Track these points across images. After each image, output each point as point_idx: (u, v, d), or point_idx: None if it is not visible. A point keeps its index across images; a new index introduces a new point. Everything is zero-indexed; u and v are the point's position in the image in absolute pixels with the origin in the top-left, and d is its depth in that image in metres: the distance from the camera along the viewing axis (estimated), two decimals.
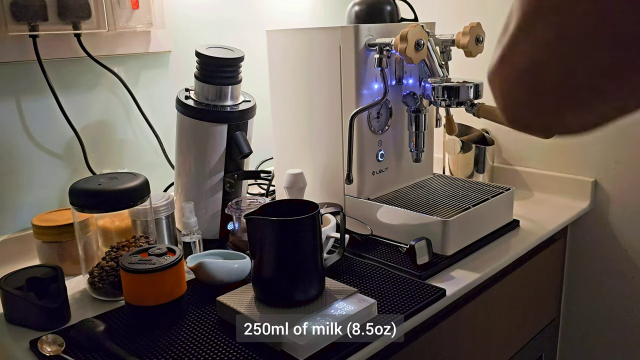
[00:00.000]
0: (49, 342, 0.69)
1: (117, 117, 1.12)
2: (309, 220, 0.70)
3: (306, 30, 1.04)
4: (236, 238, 0.93)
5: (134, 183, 0.80)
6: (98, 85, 1.08)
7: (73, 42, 1.00)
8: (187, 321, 0.73)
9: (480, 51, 1.00)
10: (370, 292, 0.78)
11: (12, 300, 0.74)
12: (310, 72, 1.03)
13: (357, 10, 1.06)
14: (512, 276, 0.97)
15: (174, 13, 1.17)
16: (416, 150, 1.03)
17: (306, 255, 0.71)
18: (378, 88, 0.99)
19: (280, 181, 1.10)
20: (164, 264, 0.71)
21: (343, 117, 0.99)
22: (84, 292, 0.84)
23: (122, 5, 1.03)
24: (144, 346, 0.68)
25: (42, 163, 1.03)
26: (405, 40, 0.89)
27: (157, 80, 1.17)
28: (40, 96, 1.00)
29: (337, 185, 1.04)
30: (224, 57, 0.94)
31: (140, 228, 0.88)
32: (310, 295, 0.71)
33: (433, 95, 0.94)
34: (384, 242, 0.95)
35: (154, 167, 1.17)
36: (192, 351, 0.66)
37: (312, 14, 1.45)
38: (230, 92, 0.96)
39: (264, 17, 1.33)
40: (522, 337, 1.08)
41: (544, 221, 1.06)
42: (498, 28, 0.38)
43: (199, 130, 0.95)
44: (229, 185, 0.98)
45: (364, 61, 0.96)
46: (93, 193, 0.77)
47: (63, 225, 0.89)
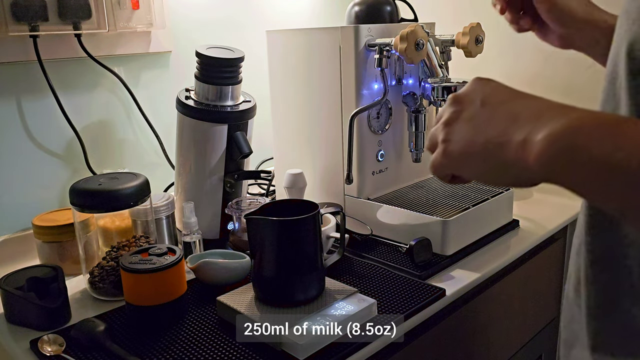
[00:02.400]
0: (49, 342, 0.69)
1: (118, 117, 1.12)
2: (309, 220, 0.70)
3: (306, 31, 1.04)
4: (236, 238, 0.93)
5: (134, 183, 0.80)
6: (98, 86, 1.08)
7: (73, 42, 1.01)
8: (187, 321, 0.74)
9: (480, 51, 1.00)
10: (370, 292, 0.78)
11: (13, 300, 0.74)
12: (310, 72, 1.03)
13: (357, 11, 1.06)
14: (511, 276, 0.97)
15: (174, 13, 1.17)
16: (416, 150, 1.04)
17: (306, 255, 0.71)
18: (378, 88, 0.99)
19: (280, 181, 1.10)
20: (164, 264, 0.71)
21: (343, 117, 1.00)
22: (84, 292, 0.84)
23: (122, 5, 1.03)
24: (144, 346, 0.68)
25: (42, 163, 1.03)
26: (405, 40, 0.89)
27: (158, 81, 1.17)
28: (41, 96, 1.00)
29: (337, 185, 1.04)
30: (224, 57, 0.94)
31: (141, 228, 0.88)
32: (310, 295, 0.71)
33: (433, 95, 0.94)
34: (384, 242, 0.95)
35: (154, 167, 1.17)
36: (192, 351, 0.66)
37: (312, 14, 1.45)
38: (231, 92, 0.96)
39: (264, 17, 1.33)
40: (522, 337, 1.08)
41: (544, 221, 1.06)
42: (498, 28, 0.39)
43: (199, 130, 0.95)
44: (229, 185, 0.98)
45: (364, 61, 0.96)
46: (93, 193, 0.77)
47: (63, 225, 0.89)
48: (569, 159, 0.34)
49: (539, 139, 0.36)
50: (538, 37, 0.74)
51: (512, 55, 1.29)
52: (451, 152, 0.43)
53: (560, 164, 0.35)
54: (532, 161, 0.36)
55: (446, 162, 0.44)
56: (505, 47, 1.28)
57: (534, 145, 0.36)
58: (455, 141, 0.43)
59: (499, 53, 1.29)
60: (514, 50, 1.28)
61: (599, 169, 0.33)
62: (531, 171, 0.37)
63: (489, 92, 0.43)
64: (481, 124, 0.41)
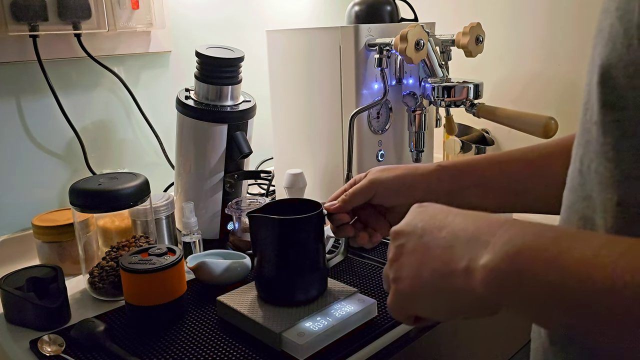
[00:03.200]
0: (49, 342, 0.69)
1: (117, 117, 1.12)
2: (312, 218, 0.69)
3: (306, 30, 1.04)
4: (236, 238, 0.93)
5: (134, 183, 0.80)
6: (98, 85, 1.08)
7: (73, 42, 1.01)
8: (187, 321, 0.73)
9: (480, 51, 1.00)
10: (370, 292, 0.78)
11: (12, 300, 0.74)
12: (310, 72, 1.03)
13: (357, 10, 1.06)
14: None
15: (174, 13, 1.17)
16: (416, 150, 1.03)
17: (309, 255, 0.70)
18: (378, 88, 0.99)
19: (280, 181, 1.10)
20: (164, 264, 0.71)
21: (343, 117, 0.99)
22: (84, 292, 0.84)
23: (122, 5, 1.03)
24: (144, 346, 0.68)
25: (42, 163, 1.03)
26: (405, 40, 0.89)
27: (157, 80, 1.17)
28: (41, 96, 1.00)
29: (337, 185, 1.04)
30: (224, 57, 0.94)
31: (141, 228, 0.88)
32: (312, 295, 0.71)
33: (433, 95, 0.94)
34: (384, 241, 0.95)
35: (154, 167, 1.17)
36: (192, 351, 0.66)
37: (312, 14, 1.45)
38: (230, 92, 0.96)
39: (264, 17, 1.33)
40: (523, 337, 1.08)
41: (544, 220, 1.06)
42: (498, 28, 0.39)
43: (199, 130, 0.95)
44: (229, 185, 0.98)
45: (364, 61, 0.96)
46: (93, 193, 0.77)
47: (63, 225, 0.89)
48: (515, 282, 0.33)
49: (480, 265, 0.35)
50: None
51: (512, 55, 1.29)
52: (402, 290, 0.42)
53: (508, 288, 0.34)
54: (480, 287, 0.35)
55: (400, 303, 0.42)
56: (506, 47, 1.28)
57: (478, 273, 0.35)
58: (404, 277, 0.41)
59: (499, 53, 1.29)
60: (514, 50, 1.28)
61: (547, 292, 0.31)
62: (483, 298, 0.36)
63: (427, 219, 0.42)
64: (424, 255, 0.40)
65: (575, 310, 0.30)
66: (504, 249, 0.34)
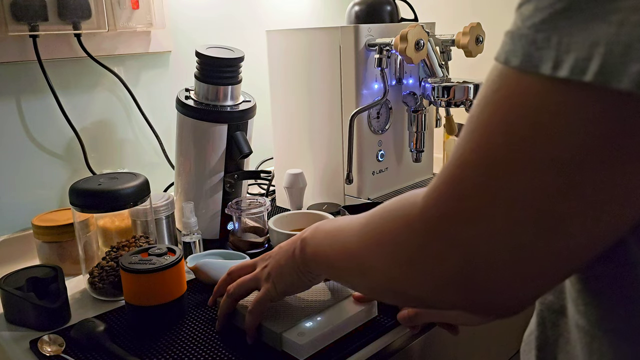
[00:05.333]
0: (49, 342, 0.69)
1: (117, 117, 1.12)
2: None
3: (306, 30, 1.04)
4: (236, 238, 0.93)
5: (134, 183, 0.80)
6: (98, 85, 1.08)
7: (73, 42, 1.01)
8: (187, 321, 0.73)
9: (480, 51, 1.00)
10: None
11: (12, 300, 0.74)
12: (310, 72, 1.03)
13: (357, 10, 1.06)
14: None
15: (174, 13, 1.17)
16: (416, 150, 1.04)
17: None
18: (378, 88, 0.99)
19: (280, 181, 1.10)
20: (164, 264, 0.71)
21: (343, 117, 0.99)
22: (84, 292, 0.84)
23: (122, 5, 1.03)
24: (144, 346, 0.68)
25: (42, 163, 1.03)
26: (405, 40, 0.89)
27: (157, 80, 1.17)
28: (41, 96, 1.00)
29: (337, 185, 1.04)
30: (224, 57, 0.94)
31: (141, 228, 0.88)
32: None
33: (433, 95, 0.94)
34: None
35: (154, 167, 1.17)
36: (192, 351, 0.66)
37: (312, 14, 1.45)
38: (230, 92, 0.96)
39: (264, 17, 1.33)
40: (523, 337, 1.08)
41: None
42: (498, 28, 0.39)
43: (199, 130, 0.95)
44: (229, 185, 0.98)
45: (364, 61, 0.96)
46: (93, 193, 0.77)
47: (63, 225, 0.89)
48: (311, 244, 0.56)
49: (300, 240, 0.59)
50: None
51: None
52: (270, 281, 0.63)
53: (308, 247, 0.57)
54: (298, 254, 0.58)
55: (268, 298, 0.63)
56: None
57: (297, 247, 0.59)
58: (271, 271, 0.63)
59: None
60: None
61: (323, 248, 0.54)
62: (302, 264, 0.58)
63: (275, 249, 0.64)
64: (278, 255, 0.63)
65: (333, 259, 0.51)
66: (309, 230, 0.58)
